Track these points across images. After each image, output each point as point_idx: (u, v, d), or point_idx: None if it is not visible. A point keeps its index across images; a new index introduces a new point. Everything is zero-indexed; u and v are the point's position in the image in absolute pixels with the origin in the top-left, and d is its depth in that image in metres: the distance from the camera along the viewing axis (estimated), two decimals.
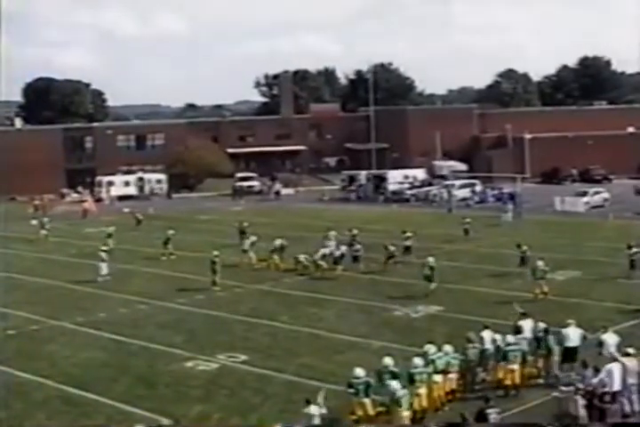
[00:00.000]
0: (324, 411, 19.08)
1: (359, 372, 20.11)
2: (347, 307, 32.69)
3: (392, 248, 39.93)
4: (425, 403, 20.31)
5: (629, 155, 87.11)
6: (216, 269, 36.85)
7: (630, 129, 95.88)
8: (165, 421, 21.22)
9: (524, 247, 38.78)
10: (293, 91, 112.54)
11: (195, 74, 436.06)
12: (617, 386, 20.19)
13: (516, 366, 21.90)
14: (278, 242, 41.61)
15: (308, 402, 19.17)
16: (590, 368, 20.62)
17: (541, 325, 23.28)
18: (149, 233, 54.20)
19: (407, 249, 42.46)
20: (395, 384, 19.68)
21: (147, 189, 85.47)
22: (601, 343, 22.35)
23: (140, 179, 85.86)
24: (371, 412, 19.90)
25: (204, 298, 35.06)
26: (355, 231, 45.82)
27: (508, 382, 21.81)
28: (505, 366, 21.91)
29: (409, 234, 43.36)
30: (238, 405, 22.02)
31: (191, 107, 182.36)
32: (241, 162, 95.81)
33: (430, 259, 35.35)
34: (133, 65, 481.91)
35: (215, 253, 37.63)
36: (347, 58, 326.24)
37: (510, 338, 22.41)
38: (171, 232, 46.49)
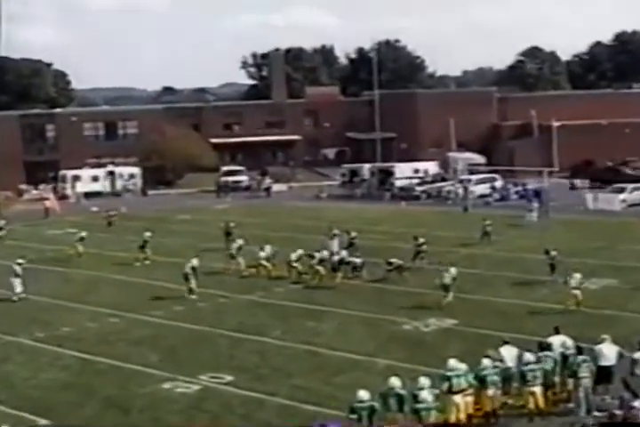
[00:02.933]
0: None
1: (363, 395, 20.02)
2: (348, 320, 32.66)
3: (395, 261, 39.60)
4: None
5: None
6: (189, 276, 36.93)
7: None
8: None
9: (553, 253, 38.68)
10: (286, 72, 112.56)
11: (173, 53, 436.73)
12: None
13: (536, 389, 21.81)
14: (268, 249, 41.54)
15: None
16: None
17: (569, 341, 23.22)
18: (121, 235, 54.19)
19: (418, 254, 42.49)
20: (425, 394, 19.70)
21: (118, 184, 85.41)
22: (635, 362, 22.28)
23: (111, 173, 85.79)
24: None
25: (183, 310, 35.02)
26: (353, 234, 45.82)
27: (530, 406, 21.75)
28: (524, 389, 21.85)
29: (422, 240, 43.20)
30: None
31: (169, 90, 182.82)
32: (226, 154, 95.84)
33: (452, 269, 35.33)
34: (102, 42, 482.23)
35: (194, 262, 37.72)
36: (347, 34, 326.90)
37: (529, 356, 22.29)
38: (147, 234, 46.50)
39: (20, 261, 39.30)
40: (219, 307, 35.59)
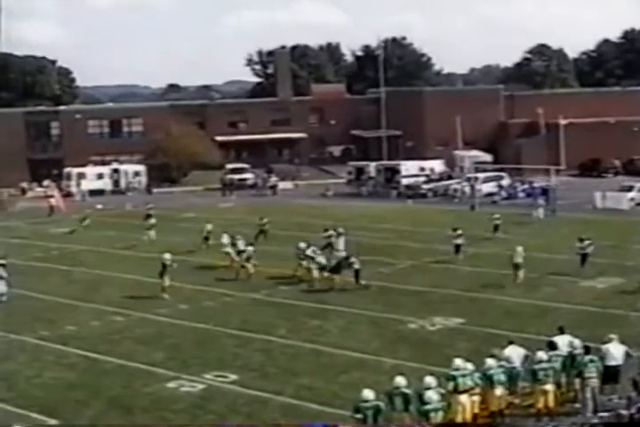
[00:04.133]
0: None
1: (368, 394, 20.01)
2: (354, 319, 32.66)
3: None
4: None
5: None
6: (164, 273, 37.12)
7: None
8: None
9: (586, 242, 39.85)
10: (291, 69, 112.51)
11: (178, 50, 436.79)
12: None
13: (548, 387, 21.80)
14: (251, 248, 41.46)
15: None
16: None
17: (576, 341, 23.20)
18: (127, 233, 54.21)
19: (457, 248, 43.41)
20: (430, 394, 19.72)
21: (123, 182, 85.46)
22: None
23: (115, 171, 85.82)
24: None
25: (188, 308, 35.04)
26: (340, 230, 45.88)
27: (540, 405, 21.73)
28: (536, 387, 21.84)
29: (460, 232, 43.94)
30: None
31: (174, 88, 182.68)
32: (231, 151, 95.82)
33: (519, 248, 38.43)
34: (107, 39, 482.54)
35: (166, 255, 37.89)
36: (353, 31, 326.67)
37: (541, 354, 22.29)
38: (209, 227, 47.88)
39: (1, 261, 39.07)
40: (224, 306, 35.60)
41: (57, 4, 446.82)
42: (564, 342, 23.50)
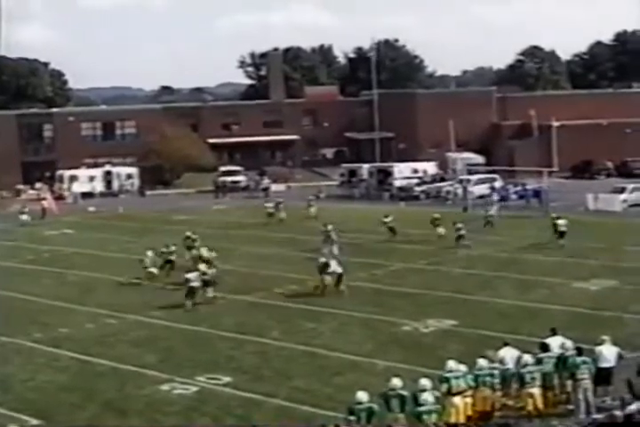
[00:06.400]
0: None
1: (361, 396, 20.06)
2: (347, 321, 32.71)
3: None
4: None
5: None
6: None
7: None
8: None
9: None
10: (284, 71, 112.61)
11: (171, 52, 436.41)
12: None
13: (535, 390, 21.87)
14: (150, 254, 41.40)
15: None
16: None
17: (568, 342, 23.27)
18: (119, 236, 54.23)
19: (459, 238, 46.58)
20: (427, 396, 19.79)
21: (115, 184, 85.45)
22: None
23: (108, 173, 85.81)
24: None
25: (182, 311, 35.02)
26: (329, 227, 45.90)
27: (529, 407, 21.81)
28: (523, 390, 21.92)
29: (460, 225, 46.86)
30: None
31: (167, 90, 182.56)
32: (224, 154, 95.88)
33: (561, 220, 45.92)
34: (99, 41, 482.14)
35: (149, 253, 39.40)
36: (346, 33, 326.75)
37: (527, 358, 22.35)
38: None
39: None
40: (217, 308, 35.57)
41: (50, 6, 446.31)
42: (556, 343, 23.56)
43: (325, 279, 36.96)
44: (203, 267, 37.27)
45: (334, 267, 37.01)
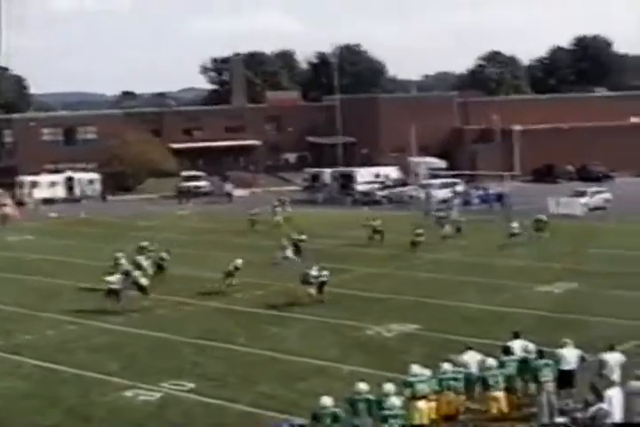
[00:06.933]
0: None
1: (326, 401, 20.03)
2: (312, 326, 32.67)
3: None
4: None
5: (633, 149, 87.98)
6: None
7: (634, 119, 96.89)
8: None
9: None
10: (246, 76, 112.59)
11: (133, 57, 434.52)
12: (617, 415, 20.17)
13: (499, 393, 21.92)
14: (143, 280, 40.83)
15: None
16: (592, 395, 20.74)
17: (531, 345, 23.35)
18: (81, 242, 53.92)
19: (415, 245, 46.64)
20: (394, 400, 19.79)
21: (77, 190, 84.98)
22: (602, 364, 22.43)
23: (70, 179, 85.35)
24: None
25: (144, 317, 34.83)
26: (303, 237, 46.18)
27: (493, 411, 21.86)
28: (488, 394, 21.97)
29: (420, 231, 46.98)
30: None
31: (129, 95, 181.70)
32: (186, 159, 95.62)
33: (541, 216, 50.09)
34: (60, 46, 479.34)
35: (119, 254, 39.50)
36: (308, 39, 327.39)
37: (491, 361, 22.41)
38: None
39: None
40: (181, 314, 35.42)
41: (9, 9, 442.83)
42: (518, 346, 23.66)
43: (308, 289, 36.17)
44: (137, 273, 37.82)
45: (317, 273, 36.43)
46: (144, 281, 37.08)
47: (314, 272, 36.28)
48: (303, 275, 36.69)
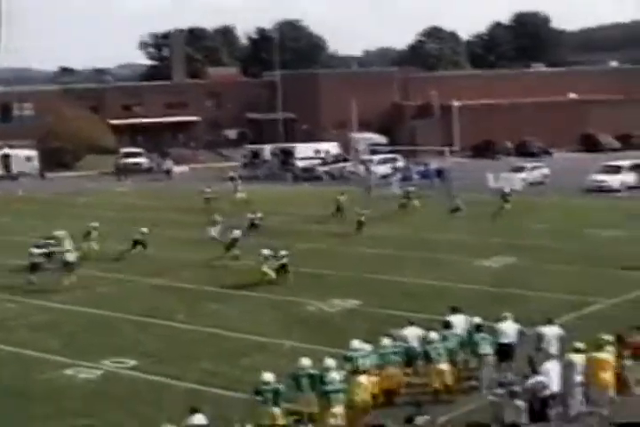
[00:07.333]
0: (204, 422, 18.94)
1: (268, 377, 20.12)
2: (254, 302, 32.70)
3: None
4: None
5: (571, 125, 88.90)
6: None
7: (572, 95, 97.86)
8: None
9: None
10: (186, 52, 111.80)
11: (70, 32, 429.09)
12: (555, 387, 20.58)
13: (444, 367, 22.13)
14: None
15: (194, 411, 19.06)
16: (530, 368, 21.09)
17: (475, 319, 23.61)
18: (19, 220, 53.37)
19: (360, 225, 45.39)
20: (334, 375, 19.96)
21: (14, 167, 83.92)
22: (540, 337, 22.76)
23: (6, 156, 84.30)
24: (281, 422, 19.95)
25: (85, 294, 34.60)
26: (259, 215, 46.17)
27: (436, 384, 22.07)
28: (430, 367, 22.18)
29: (363, 211, 46.26)
30: (128, 419, 21.83)
31: (66, 71, 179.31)
32: (126, 135, 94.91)
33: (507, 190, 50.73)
34: None
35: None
36: (247, 14, 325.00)
37: (433, 335, 22.62)
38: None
39: None
40: (123, 291, 35.19)
41: None
42: (458, 320, 23.92)
43: (267, 271, 35.66)
44: (67, 244, 38.83)
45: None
46: (70, 257, 36.72)
47: (266, 251, 36.17)
48: (264, 257, 36.26)
